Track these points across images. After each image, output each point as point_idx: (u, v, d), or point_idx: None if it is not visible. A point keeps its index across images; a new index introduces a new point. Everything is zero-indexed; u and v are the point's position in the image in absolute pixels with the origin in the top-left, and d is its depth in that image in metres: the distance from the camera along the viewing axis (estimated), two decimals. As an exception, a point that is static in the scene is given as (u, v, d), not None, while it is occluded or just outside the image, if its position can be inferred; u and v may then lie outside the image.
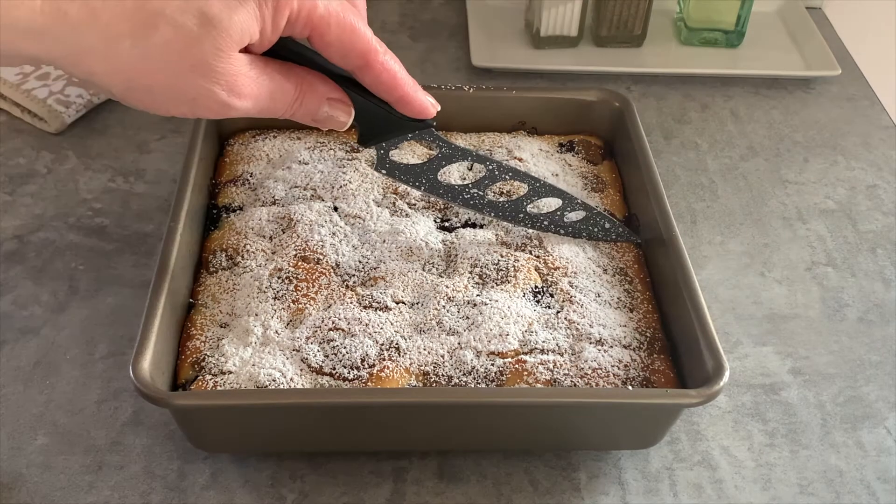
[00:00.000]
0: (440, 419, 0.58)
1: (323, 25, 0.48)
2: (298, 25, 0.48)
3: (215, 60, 0.45)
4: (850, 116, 0.94)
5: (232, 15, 0.45)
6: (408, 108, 0.55)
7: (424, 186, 0.63)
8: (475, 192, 0.65)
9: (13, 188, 0.78)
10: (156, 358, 0.54)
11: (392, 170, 0.62)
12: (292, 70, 0.51)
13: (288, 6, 0.46)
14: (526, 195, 0.65)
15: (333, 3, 0.48)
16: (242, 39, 0.46)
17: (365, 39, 0.50)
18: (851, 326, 0.71)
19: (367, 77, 0.52)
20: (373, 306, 0.61)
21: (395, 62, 0.53)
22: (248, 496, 0.58)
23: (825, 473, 0.61)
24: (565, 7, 0.94)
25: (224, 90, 0.46)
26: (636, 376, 0.58)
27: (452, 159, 0.63)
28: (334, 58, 0.50)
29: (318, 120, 0.53)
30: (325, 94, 0.53)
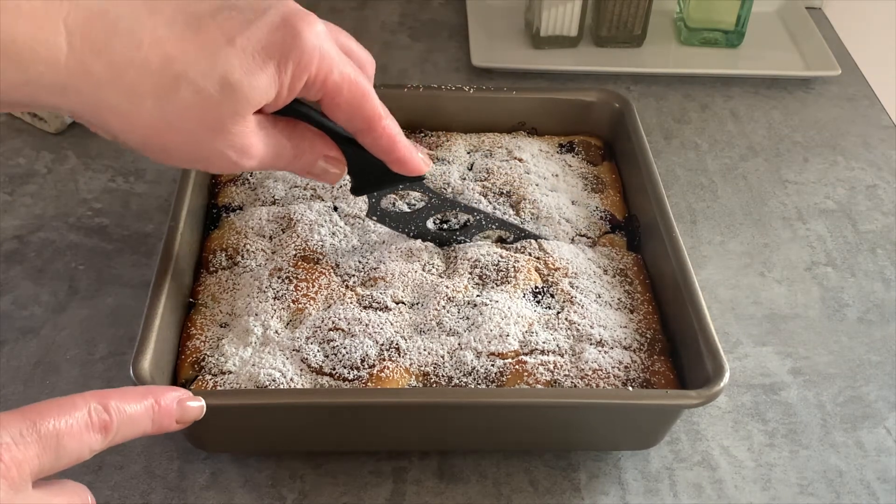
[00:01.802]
0: (440, 419, 0.58)
1: (336, 91, 0.49)
2: (314, 89, 0.48)
3: (232, 124, 0.46)
4: (850, 116, 0.94)
5: (252, 81, 0.45)
6: (402, 168, 0.56)
7: (413, 234, 0.65)
8: (462, 238, 0.66)
9: (13, 188, 0.78)
10: (156, 358, 0.54)
11: (383, 217, 0.64)
12: (296, 128, 0.52)
13: (307, 71, 0.47)
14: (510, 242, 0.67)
15: (348, 68, 0.49)
16: (259, 103, 0.46)
17: (372, 106, 0.51)
18: (851, 326, 0.72)
19: (368, 139, 0.53)
20: (373, 306, 0.61)
21: (395, 126, 0.54)
22: (248, 496, 0.58)
23: (825, 473, 0.61)
24: (565, 7, 0.94)
25: (235, 152, 0.47)
26: (636, 377, 0.58)
27: (441, 209, 0.65)
28: (340, 120, 0.51)
29: (313, 174, 0.55)
30: (323, 152, 0.54)
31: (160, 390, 0.46)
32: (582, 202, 0.71)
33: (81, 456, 0.41)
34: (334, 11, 1.03)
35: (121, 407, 0.42)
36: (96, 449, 0.42)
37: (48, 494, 0.41)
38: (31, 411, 0.40)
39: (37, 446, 0.39)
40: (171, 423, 0.46)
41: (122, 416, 0.42)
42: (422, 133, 0.76)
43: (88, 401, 0.41)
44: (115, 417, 0.42)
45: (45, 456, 0.39)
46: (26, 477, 0.39)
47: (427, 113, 0.76)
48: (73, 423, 0.40)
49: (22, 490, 0.39)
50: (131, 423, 0.43)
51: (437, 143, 0.76)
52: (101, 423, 0.41)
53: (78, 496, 0.43)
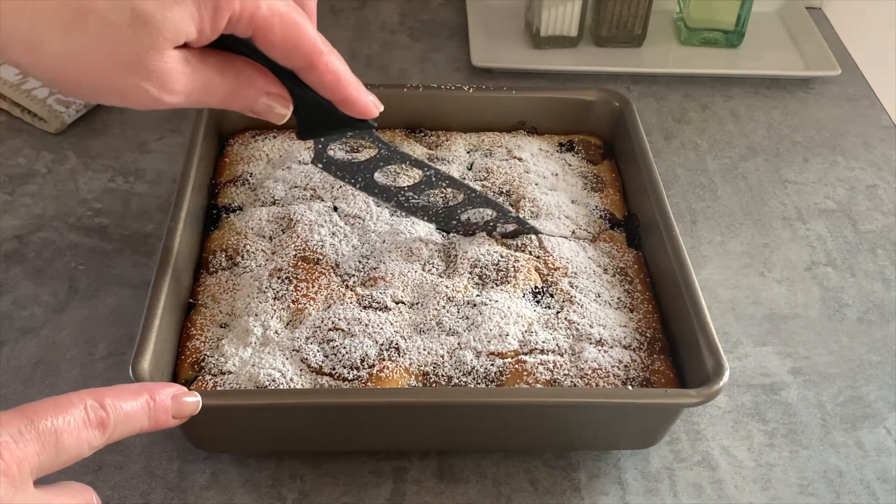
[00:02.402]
0: (440, 419, 0.58)
1: (266, 26, 0.47)
2: (241, 26, 0.46)
3: (147, 59, 0.44)
4: (850, 116, 0.94)
5: (166, 14, 0.43)
6: (351, 108, 0.53)
7: (360, 184, 0.63)
8: (410, 195, 0.64)
9: (13, 188, 0.78)
10: (156, 358, 0.54)
11: (329, 165, 0.62)
12: (231, 62, 0.49)
13: (229, 7, 0.45)
14: (461, 203, 0.66)
15: (278, 2, 0.47)
16: (177, 38, 0.44)
17: (310, 40, 0.49)
18: (851, 326, 0.71)
19: (311, 77, 0.51)
20: (372, 306, 0.61)
21: (339, 62, 0.51)
22: (248, 496, 0.58)
23: (825, 473, 0.61)
24: (565, 7, 0.94)
25: (155, 87, 0.45)
26: (636, 376, 0.58)
27: (391, 161, 0.63)
28: (278, 57, 0.49)
29: (255, 111, 0.52)
30: (264, 88, 0.51)
31: (155, 387, 0.46)
32: (582, 201, 0.71)
33: (81, 453, 0.41)
34: (334, 11, 1.03)
35: (117, 404, 0.43)
36: (95, 445, 0.42)
37: (51, 494, 0.41)
38: (29, 410, 0.40)
39: (36, 444, 0.39)
40: (167, 418, 0.46)
41: (118, 412, 0.43)
42: (422, 132, 0.76)
43: (84, 398, 0.42)
44: (112, 414, 0.42)
45: (45, 453, 0.39)
46: (26, 475, 0.39)
47: (427, 113, 0.76)
48: (70, 420, 0.41)
49: (23, 488, 0.39)
50: (128, 419, 0.43)
51: (437, 142, 0.76)
52: (98, 419, 0.41)
53: (82, 496, 0.43)
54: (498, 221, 0.66)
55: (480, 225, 0.66)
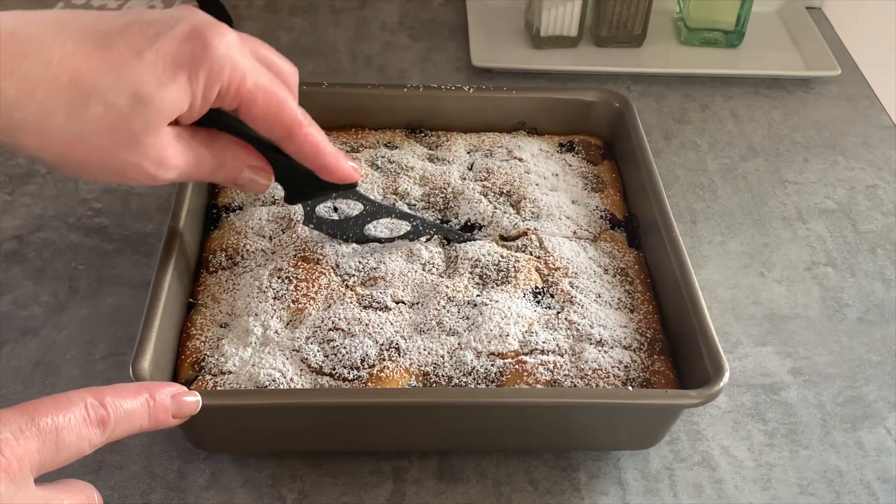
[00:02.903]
0: (440, 419, 0.58)
1: (251, 100, 0.49)
2: (228, 98, 0.49)
3: (144, 137, 0.46)
4: (850, 116, 0.94)
5: (163, 92, 0.46)
6: (330, 175, 0.56)
7: (351, 239, 0.65)
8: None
9: (13, 188, 0.78)
10: (156, 358, 0.54)
11: (319, 224, 0.64)
12: (216, 138, 0.52)
13: (219, 81, 0.47)
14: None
15: (262, 77, 0.50)
16: (172, 114, 0.47)
17: (291, 114, 0.51)
18: (851, 326, 0.72)
19: (291, 147, 0.53)
20: (373, 306, 0.61)
21: (318, 133, 0.54)
22: (248, 496, 0.58)
23: (825, 473, 0.61)
24: (565, 7, 0.94)
25: (152, 164, 0.48)
26: (636, 377, 0.58)
27: (377, 215, 0.65)
28: (260, 129, 0.52)
29: (239, 184, 0.55)
30: (246, 162, 0.54)
31: (155, 386, 0.46)
32: (582, 201, 0.71)
33: (81, 450, 0.41)
34: (334, 11, 1.03)
35: (117, 402, 0.43)
36: (95, 443, 0.42)
37: (52, 491, 0.41)
38: (30, 407, 0.40)
39: (36, 441, 0.39)
40: (167, 417, 0.46)
41: (118, 411, 0.43)
42: (422, 133, 0.76)
43: (84, 396, 0.42)
44: (112, 412, 0.42)
45: (45, 450, 0.40)
46: (27, 472, 0.39)
47: (427, 113, 0.76)
48: (71, 417, 0.41)
49: (24, 485, 0.39)
50: (128, 418, 0.44)
51: (437, 142, 0.76)
52: (98, 417, 0.42)
53: (83, 493, 0.43)
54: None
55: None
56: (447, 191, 0.70)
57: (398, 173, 0.71)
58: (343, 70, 0.95)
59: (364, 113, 0.76)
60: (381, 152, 0.73)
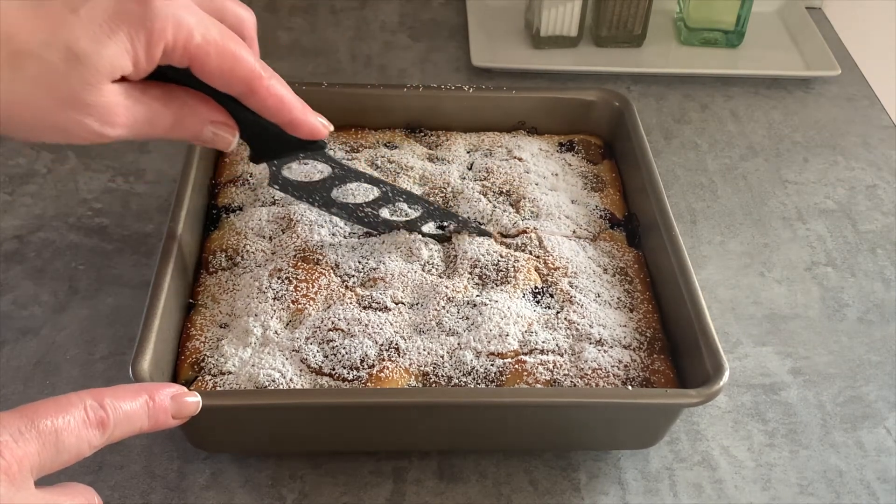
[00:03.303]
0: (440, 419, 0.58)
1: (202, 55, 0.47)
2: (176, 56, 0.47)
3: (84, 94, 0.45)
4: (850, 116, 0.94)
5: (100, 49, 0.44)
6: (297, 130, 0.54)
7: (318, 203, 0.64)
8: (368, 210, 0.65)
9: (13, 188, 0.78)
10: (156, 358, 0.54)
11: (285, 186, 0.63)
12: (173, 93, 0.50)
13: (162, 39, 0.46)
14: (419, 217, 0.66)
15: (212, 31, 0.48)
16: (113, 73, 0.45)
17: (247, 66, 0.49)
18: (851, 326, 0.71)
19: (253, 102, 0.51)
20: (372, 307, 0.61)
21: (281, 86, 0.52)
22: (248, 496, 0.58)
23: (825, 473, 0.61)
24: (565, 7, 0.94)
25: (96, 121, 0.46)
26: (636, 376, 0.58)
27: (346, 179, 0.63)
28: (217, 85, 0.50)
29: (202, 140, 0.53)
30: (208, 117, 0.52)
31: (154, 387, 0.46)
32: (582, 201, 0.71)
33: (81, 452, 0.41)
34: (334, 11, 1.03)
35: (116, 404, 0.43)
36: (95, 445, 0.42)
37: (52, 494, 0.41)
38: (29, 410, 0.40)
39: (36, 443, 0.39)
40: (166, 418, 0.46)
41: (118, 412, 0.43)
42: (422, 132, 0.77)
43: (84, 398, 0.42)
44: (112, 414, 0.42)
45: (45, 452, 0.40)
46: (27, 474, 0.39)
47: (427, 113, 0.76)
48: (70, 419, 0.41)
49: (23, 487, 0.39)
50: (127, 419, 0.43)
51: (437, 142, 0.76)
52: (97, 419, 0.42)
53: (83, 496, 0.43)
54: (458, 232, 0.66)
55: (442, 236, 0.66)
56: (447, 190, 0.70)
57: (398, 173, 0.71)
58: (343, 70, 0.95)
59: (364, 113, 0.76)
60: (381, 152, 0.73)
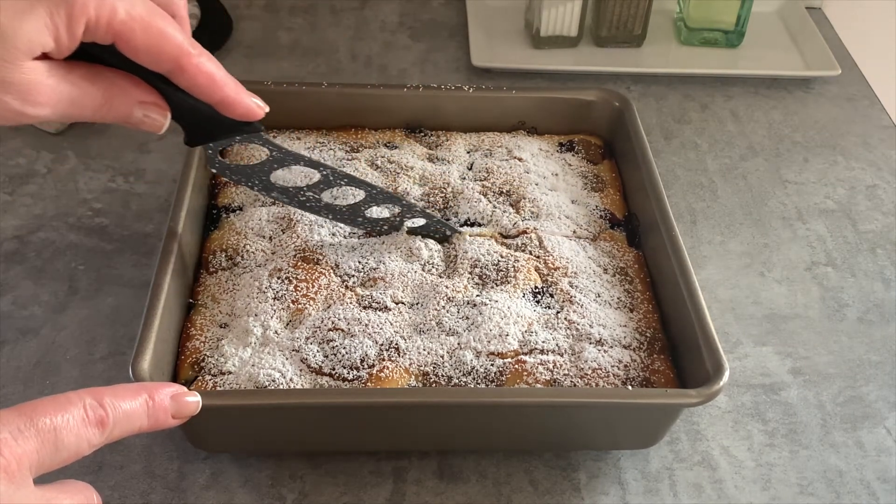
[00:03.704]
0: (440, 419, 0.58)
1: (127, 31, 0.46)
2: (99, 32, 0.46)
3: (3, 72, 0.44)
4: (850, 116, 0.94)
5: (18, 25, 0.43)
6: (230, 110, 0.52)
7: (257, 186, 0.63)
8: (310, 194, 0.64)
9: (13, 188, 0.78)
10: (156, 358, 0.54)
11: (223, 169, 0.61)
12: (100, 74, 0.49)
13: (84, 15, 0.44)
14: (363, 201, 0.65)
15: (137, 7, 0.46)
16: (32, 50, 0.44)
17: (174, 43, 0.48)
18: (851, 326, 0.71)
19: (182, 80, 0.50)
20: (372, 307, 0.61)
21: (212, 63, 0.50)
22: (248, 496, 0.58)
23: (825, 473, 0.61)
24: (565, 7, 0.94)
25: (17, 100, 0.45)
26: (636, 376, 0.58)
27: (284, 163, 0.62)
28: (145, 62, 0.48)
29: (131, 122, 0.51)
30: (137, 98, 0.51)
31: (154, 386, 0.46)
32: (582, 201, 0.71)
33: (80, 450, 0.41)
34: (334, 11, 1.03)
35: (116, 403, 0.43)
36: (95, 443, 0.42)
37: (51, 492, 0.41)
38: (28, 408, 0.40)
39: (35, 441, 0.39)
40: (166, 418, 0.46)
41: (117, 411, 0.43)
42: (422, 132, 0.76)
43: (83, 397, 0.42)
44: (111, 413, 0.42)
45: (44, 450, 0.40)
46: (26, 472, 0.39)
47: (427, 113, 0.76)
48: (69, 418, 0.41)
49: (23, 485, 0.39)
50: (127, 418, 0.43)
51: (437, 142, 0.76)
52: (97, 418, 0.42)
53: (82, 494, 0.43)
54: (404, 216, 0.65)
55: (387, 221, 0.65)
56: (447, 190, 0.70)
57: (398, 173, 0.71)
58: (343, 70, 0.95)
59: (364, 113, 0.76)
60: (381, 152, 0.73)
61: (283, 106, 0.75)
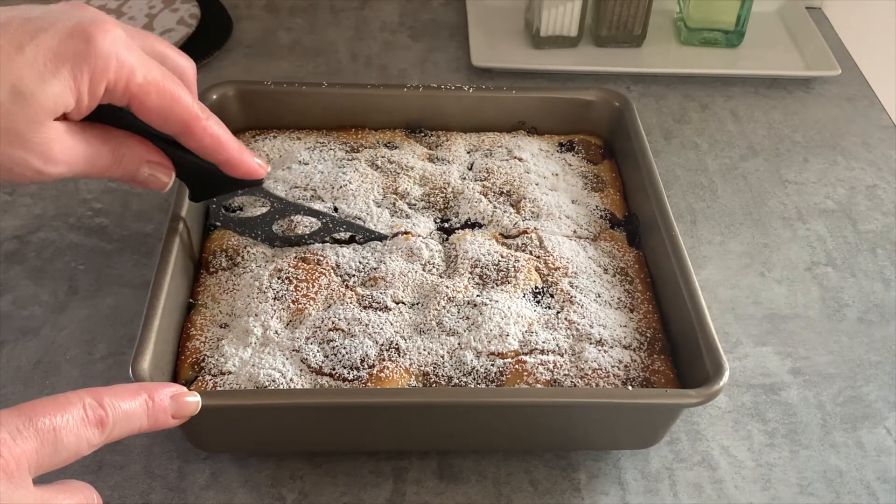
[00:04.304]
0: (440, 419, 0.58)
1: (142, 94, 0.48)
2: (117, 94, 0.48)
3: (28, 131, 0.46)
4: (850, 116, 0.94)
5: (45, 88, 0.45)
6: (234, 170, 0.55)
7: (260, 238, 0.65)
8: (311, 242, 0.65)
9: (13, 188, 0.78)
10: (156, 358, 0.54)
11: (227, 222, 0.64)
12: (111, 134, 0.51)
13: (105, 77, 0.47)
14: (357, 240, 0.66)
15: (153, 71, 0.49)
16: (56, 110, 0.46)
17: (186, 107, 0.50)
18: (851, 326, 0.71)
19: (190, 142, 0.52)
20: (373, 307, 0.61)
21: (218, 126, 0.53)
22: (248, 496, 0.58)
23: (825, 473, 0.61)
24: (565, 7, 0.94)
25: (38, 159, 0.47)
26: (636, 376, 0.58)
27: (285, 213, 0.64)
28: (155, 124, 0.51)
29: (138, 181, 0.54)
30: (145, 157, 0.53)
31: (154, 386, 0.46)
32: (582, 201, 0.71)
33: (80, 451, 0.41)
34: (334, 11, 1.03)
35: (116, 403, 0.43)
36: (94, 444, 0.42)
37: (50, 492, 0.41)
38: (28, 408, 0.40)
39: (34, 441, 0.39)
40: (166, 418, 0.46)
41: (117, 411, 0.43)
42: (422, 132, 0.77)
43: (83, 397, 0.42)
44: (111, 413, 0.42)
45: (44, 451, 0.40)
46: (25, 472, 0.39)
47: (427, 113, 0.76)
48: (69, 418, 0.41)
49: (22, 486, 0.39)
50: (127, 418, 0.43)
51: (437, 142, 0.76)
52: (96, 418, 0.42)
53: (82, 494, 0.43)
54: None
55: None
56: (447, 191, 0.70)
57: (398, 173, 0.71)
58: (343, 70, 0.95)
59: (364, 113, 0.76)
60: (381, 152, 0.73)
61: (283, 106, 0.75)
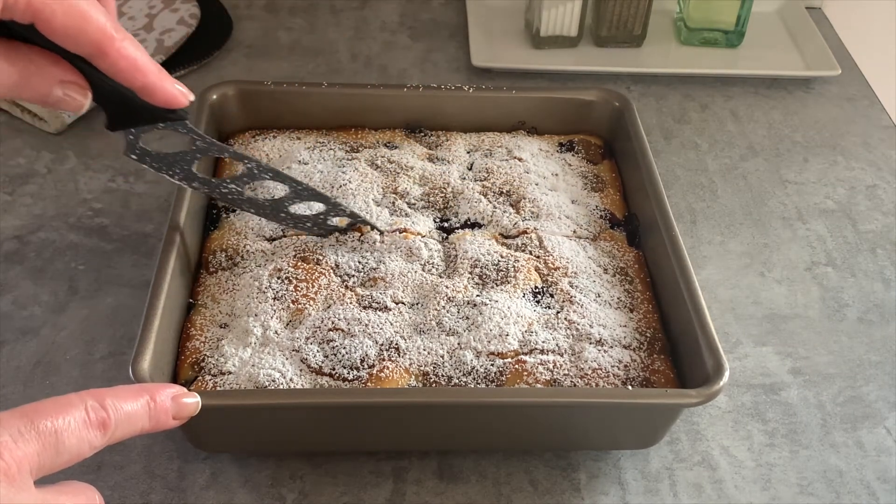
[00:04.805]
0: (440, 419, 0.58)
1: (47, 12, 0.45)
2: (18, 11, 0.44)
3: None
4: (850, 116, 0.94)
5: None
6: (152, 96, 0.51)
7: (178, 176, 0.61)
8: (232, 187, 0.62)
9: (13, 188, 0.78)
10: (155, 358, 0.54)
11: (143, 156, 0.59)
12: (18, 51, 0.48)
13: None
14: (286, 196, 0.63)
15: None
16: None
17: (98, 26, 0.47)
18: (851, 326, 0.71)
19: (104, 64, 0.48)
20: (372, 307, 0.61)
21: (135, 48, 0.49)
22: (248, 496, 0.58)
23: (825, 473, 0.61)
24: (565, 7, 0.94)
25: None
26: (636, 376, 0.58)
27: (208, 152, 0.60)
28: (65, 44, 0.47)
29: (50, 101, 0.50)
30: (58, 77, 0.49)
31: (155, 387, 0.46)
32: (582, 201, 0.71)
33: (81, 453, 0.41)
34: (334, 11, 1.03)
35: (118, 404, 0.43)
36: (96, 445, 0.42)
37: (52, 493, 0.41)
38: (29, 410, 0.40)
39: (36, 443, 0.39)
40: (167, 419, 0.46)
41: (119, 413, 0.43)
42: (422, 132, 0.77)
43: (85, 399, 0.42)
44: (113, 414, 0.42)
45: (45, 453, 0.39)
46: (26, 475, 0.39)
47: (427, 113, 0.76)
48: (71, 420, 0.41)
49: (23, 488, 0.39)
50: (129, 420, 0.43)
51: (437, 142, 0.76)
52: (99, 420, 0.41)
53: (84, 495, 0.43)
54: (328, 214, 0.65)
55: (311, 218, 0.65)
56: (447, 190, 0.70)
57: (398, 173, 0.71)
58: (343, 70, 0.95)
59: (364, 113, 0.76)
60: (381, 152, 0.73)
61: (283, 106, 0.75)
